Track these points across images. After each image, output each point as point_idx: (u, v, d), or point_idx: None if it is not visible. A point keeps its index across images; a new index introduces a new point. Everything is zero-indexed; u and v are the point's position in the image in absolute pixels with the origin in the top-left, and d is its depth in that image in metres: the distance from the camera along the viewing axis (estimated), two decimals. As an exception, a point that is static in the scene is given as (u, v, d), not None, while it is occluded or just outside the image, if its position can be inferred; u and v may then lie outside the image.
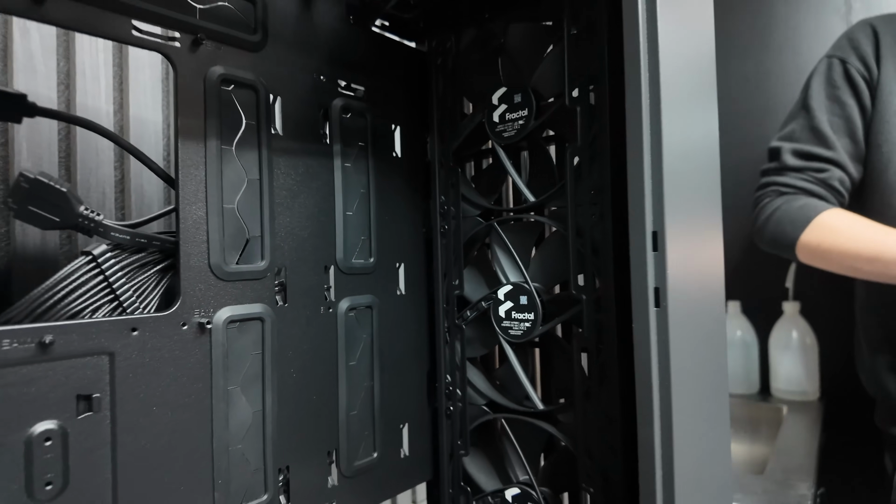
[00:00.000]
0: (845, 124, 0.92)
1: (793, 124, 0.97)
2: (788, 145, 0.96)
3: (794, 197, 0.93)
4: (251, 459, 0.35)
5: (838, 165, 0.91)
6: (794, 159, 0.94)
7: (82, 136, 0.46)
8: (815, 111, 0.94)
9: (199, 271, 0.32)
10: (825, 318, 1.28)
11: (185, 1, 0.33)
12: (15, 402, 0.26)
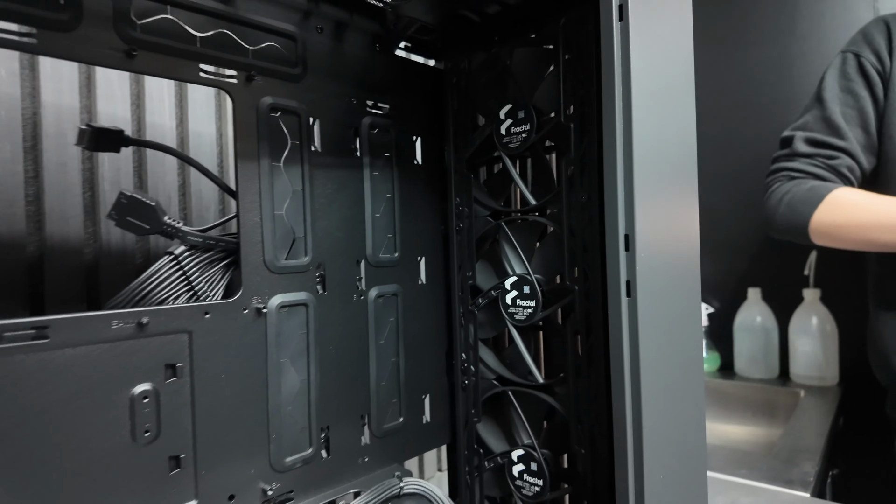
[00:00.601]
0: (858, 115, 0.94)
1: (806, 116, 1.00)
2: (801, 134, 0.98)
3: (804, 181, 0.96)
4: (298, 419, 0.42)
5: (849, 154, 0.93)
6: (806, 146, 0.96)
7: (151, 150, 0.54)
8: (829, 102, 0.96)
9: (256, 266, 0.40)
10: (845, 306, 1.30)
11: (240, 44, 0.40)
12: (122, 369, 0.35)
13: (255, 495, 0.40)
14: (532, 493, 0.47)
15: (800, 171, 0.97)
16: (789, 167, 1.00)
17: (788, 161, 1.01)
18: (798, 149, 0.97)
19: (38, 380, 0.32)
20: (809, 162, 0.96)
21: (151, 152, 0.54)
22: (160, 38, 0.36)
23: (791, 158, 1.01)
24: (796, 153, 1.00)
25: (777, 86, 1.43)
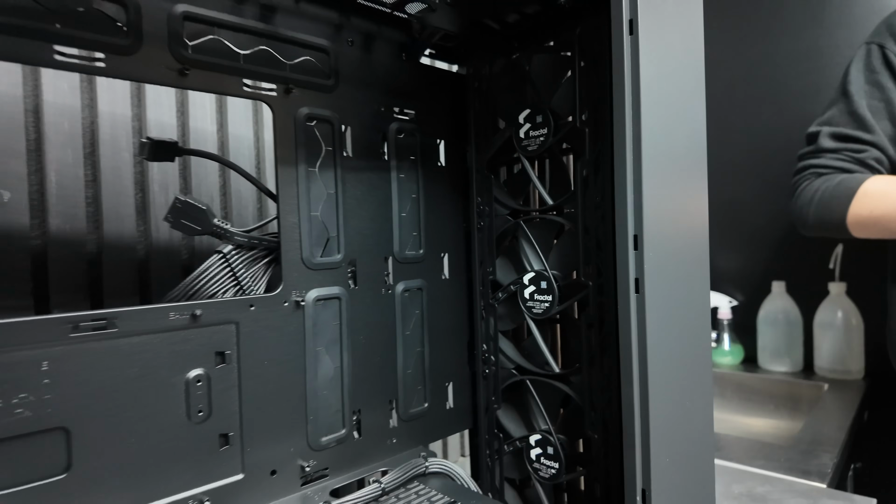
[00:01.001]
0: (886, 108, 0.93)
1: (832, 110, 0.99)
2: (826, 129, 0.98)
3: (832, 176, 0.95)
4: (333, 403, 0.46)
5: (877, 147, 0.92)
6: (831, 141, 0.96)
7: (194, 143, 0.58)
8: (854, 96, 0.95)
9: (295, 263, 0.44)
10: (871, 300, 1.29)
11: (278, 59, 0.43)
12: (178, 355, 0.39)
13: (294, 471, 0.44)
14: (549, 475, 0.50)
15: (827, 166, 0.97)
16: (816, 164, 1.00)
17: (814, 158, 1.01)
18: (823, 144, 0.97)
19: (108, 364, 0.36)
20: (836, 157, 0.96)
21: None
22: (209, 57, 0.40)
23: (817, 155, 1.00)
24: (822, 149, 0.99)
25: (806, 77, 1.41)
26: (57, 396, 0.34)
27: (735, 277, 1.53)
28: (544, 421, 0.51)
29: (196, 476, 0.39)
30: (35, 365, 0.33)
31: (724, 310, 1.48)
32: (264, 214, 0.63)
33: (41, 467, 0.34)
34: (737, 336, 1.48)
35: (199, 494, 0.39)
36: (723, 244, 1.54)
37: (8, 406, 0.33)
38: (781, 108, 1.44)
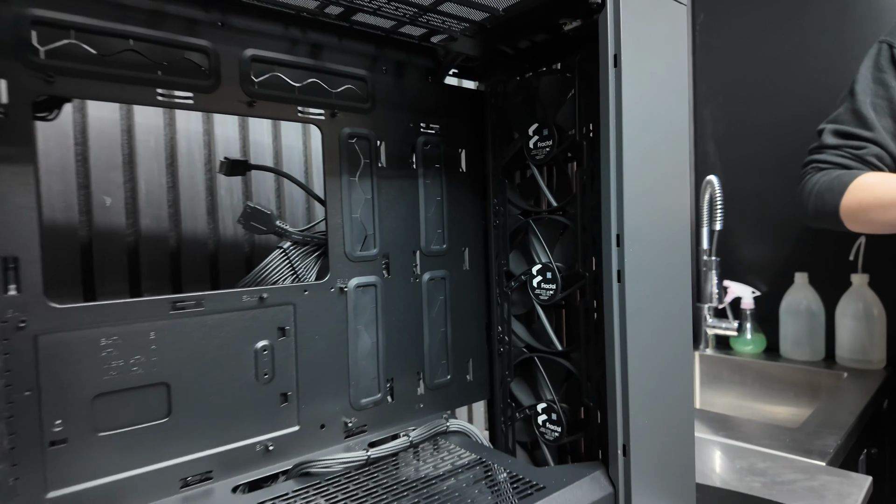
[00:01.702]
0: (888, 105, 0.96)
1: (840, 108, 1.03)
2: (830, 126, 1.02)
3: (830, 171, 1.00)
4: (370, 371, 0.56)
5: (877, 144, 0.96)
6: (833, 138, 1.00)
7: (256, 162, 0.69)
8: (859, 94, 0.99)
9: (339, 256, 0.53)
10: (894, 291, 1.31)
11: (326, 89, 0.53)
12: (249, 329, 0.49)
13: (339, 426, 0.54)
14: (553, 438, 0.58)
15: (827, 162, 1.01)
16: (818, 159, 1.04)
17: (817, 153, 1.05)
18: (825, 141, 1.01)
19: (197, 335, 0.46)
20: (836, 153, 1.00)
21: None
22: (271, 91, 0.49)
23: (820, 151, 1.05)
24: (824, 145, 1.03)
25: (832, 70, 1.42)
26: (161, 359, 0.45)
27: (758, 268, 1.56)
28: (549, 392, 0.59)
29: (263, 426, 0.50)
30: (145, 334, 0.44)
31: (747, 300, 1.52)
32: (311, 213, 0.73)
33: (150, 412, 0.45)
34: (759, 325, 1.52)
35: (265, 440, 0.50)
36: (747, 236, 1.58)
37: (127, 364, 0.43)
38: (805, 102, 1.46)
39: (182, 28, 0.45)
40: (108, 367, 0.42)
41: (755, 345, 1.51)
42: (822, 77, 1.43)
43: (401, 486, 0.48)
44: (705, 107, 1.65)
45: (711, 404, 1.51)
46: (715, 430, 1.00)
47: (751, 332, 1.52)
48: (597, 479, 0.47)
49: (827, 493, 0.76)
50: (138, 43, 0.43)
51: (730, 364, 1.49)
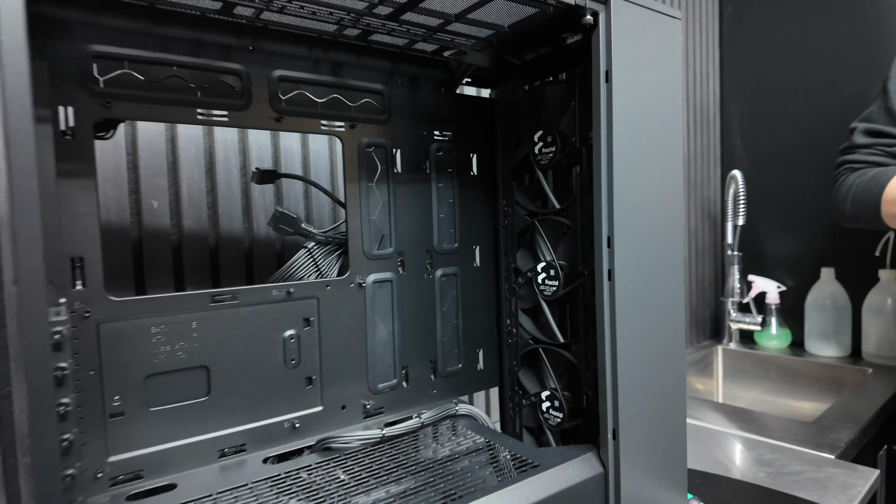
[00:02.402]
0: None
1: (872, 106, 1.03)
2: (862, 125, 1.02)
3: (865, 171, 1.00)
4: (387, 359, 0.62)
5: None
6: (864, 137, 1.00)
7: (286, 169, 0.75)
8: (891, 92, 0.98)
9: (358, 255, 0.59)
10: (923, 287, 1.29)
11: (346, 103, 0.58)
12: (278, 320, 0.55)
13: (358, 408, 0.60)
14: (556, 423, 0.63)
15: (860, 161, 1.01)
16: (850, 160, 1.04)
17: (849, 153, 1.05)
18: (857, 141, 1.01)
19: (232, 325, 0.53)
20: (868, 152, 1.00)
21: (286, 170, 0.75)
22: (296, 107, 0.55)
23: (851, 151, 1.05)
24: (855, 145, 1.03)
25: (862, 63, 1.40)
26: (202, 345, 0.51)
27: (784, 263, 1.55)
28: (553, 381, 0.64)
29: (290, 406, 0.56)
30: (188, 323, 0.51)
31: (773, 295, 1.52)
32: (336, 213, 0.79)
33: (192, 391, 0.51)
34: (784, 320, 1.52)
35: (292, 419, 0.56)
36: (773, 230, 1.57)
37: (173, 349, 0.50)
38: (834, 95, 1.44)
39: (218, 54, 0.51)
40: (156, 352, 0.49)
41: (780, 340, 1.51)
42: (851, 69, 1.41)
43: (410, 461, 0.53)
44: (732, 100, 1.64)
45: (734, 398, 1.52)
46: (729, 423, 1.02)
47: (776, 326, 1.52)
48: (588, 459, 0.52)
49: (831, 484, 0.78)
50: (180, 69, 0.49)
51: (753, 358, 1.50)
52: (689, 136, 1.54)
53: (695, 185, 1.57)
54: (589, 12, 0.48)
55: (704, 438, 0.95)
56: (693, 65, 1.55)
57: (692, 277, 1.56)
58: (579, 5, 0.47)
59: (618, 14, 0.49)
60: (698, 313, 1.59)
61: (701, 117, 1.58)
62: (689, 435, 0.96)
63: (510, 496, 0.46)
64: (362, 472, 0.51)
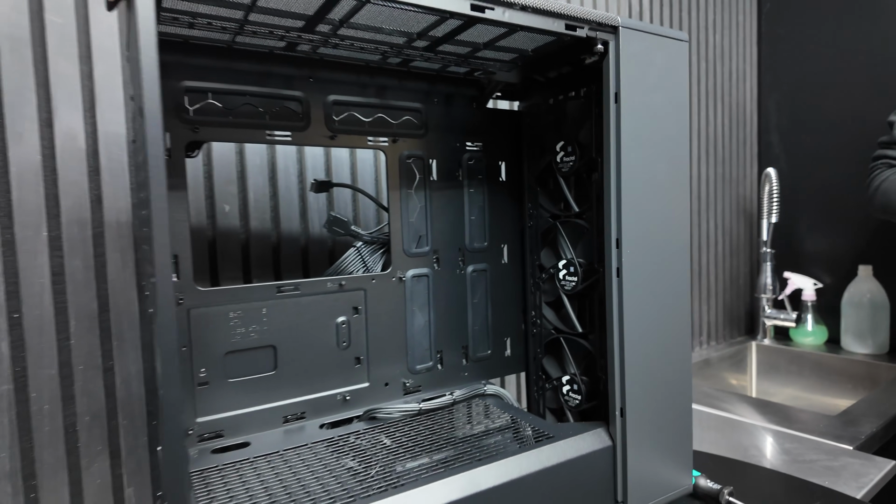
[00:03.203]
0: None
1: None
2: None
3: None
4: (423, 343, 0.70)
5: None
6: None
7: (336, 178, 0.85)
8: None
9: (399, 253, 0.68)
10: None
11: (389, 121, 0.67)
12: (332, 308, 0.65)
13: (399, 385, 0.69)
14: (574, 405, 0.70)
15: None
16: (888, 154, 1.06)
17: (887, 148, 1.06)
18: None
19: (294, 311, 0.62)
20: None
21: (337, 180, 0.85)
22: (347, 126, 0.64)
23: (889, 146, 1.06)
24: (895, 140, 1.05)
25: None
26: (269, 328, 0.61)
27: (822, 260, 1.55)
28: (572, 367, 0.71)
29: (341, 381, 0.66)
30: (259, 310, 0.61)
31: (809, 291, 1.53)
32: (380, 216, 0.89)
33: (262, 366, 0.61)
34: (821, 317, 1.52)
35: (343, 392, 0.65)
36: (811, 228, 1.57)
37: (247, 331, 0.60)
38: (874, 91, 1.43)
39: (282, 84, 0.61)
40: (233, 333, 0.59)
41: (816, 336, 1.52)
42: (893, 66, 1.40)
43: (442, 429, 0.62)
44: (770, 97, 1.65)
45: (768, 394, 1.53)
46: (753, 414, 1.06)
47: (812, 323, 1.52)
48: (598, 434, 0.59)
49: (844, 472, 0.82)
50: (252, 97, 0.59)
51: (787, 355, 1.51)
52: (723, 133, 1.56)
53: (729, 182, 1.58)
54: (600, 42, 0.55)
55: (726, 427, 1.00)
56: (729, 63, 1.57)
57: (726, 274, 1.59)
58: (590, 37, 0.54)
59: (626, 42, 0.56)
60: (732, 309, 1.61)
61: (737, 115, 1.60)
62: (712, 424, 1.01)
63: (527, 461, 0.53)
64: (402, 437, 0.60)
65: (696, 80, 1.46)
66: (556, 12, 0.51)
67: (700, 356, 1.46)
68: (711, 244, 1.54)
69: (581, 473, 0.56)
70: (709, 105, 1.51)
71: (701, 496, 0.67)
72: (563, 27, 0.52)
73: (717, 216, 1.55)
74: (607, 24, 0.55)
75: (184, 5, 0.47)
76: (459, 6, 0.46)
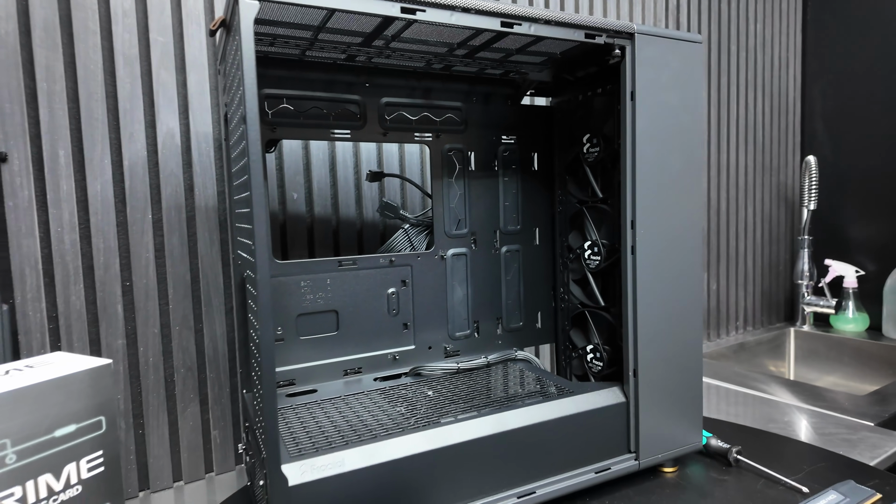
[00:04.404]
0: None
1: None
2: None
3: None
4: (462, 314, 0.80)
5: None
6: None
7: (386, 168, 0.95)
8: None
9: (441, 234, 0.78)
10: None
11: (433, 119, 0.77)
12: (384, 281, 0.75)
13: (441, 349, 0.80)
14: (597, 371, 0.79)
15: None
16: None
17: None
18: None
19: (351, 283, 0.74)
20: None
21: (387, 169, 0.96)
22: (397, 124, 0.74)
23: None
24: None
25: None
26: (333, 296, 0.73)
27: (864, 247, 1.55)
28: (596, 337, 0.79)
29: (392, 343, 0.76)
30: (324, 280, 0.72)
31: (850, 279, 1.53)
32: (424, 202, 0.99)
33: (326, 327, 0.73)
34: (862, 304, 1.52)
35: (393, 352, 0.76)
36: (854, 215, 1.57)
37: (314, 297, 0.72)
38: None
39: (344, 89, 0.71)
40: (304, 299, 0.71)
41: (857, 324, 1.52)
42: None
43: (478, 385, 0.72)
44: (814, 85, 1.65)
45: (806, 379, 1.55)
46: (783, 392, 1.11)
47: (853, 310, 1.53)
48: (614, 391, 0.67)
49: (861, 444, 0.87)
50: (319, 101, 0.70)
51: (826, 341, 1.53)
52: (764, 122, 1.57)
53: (769, 170, 1.60)
54: (617, 47, 0.63)
55: (754, 403, 1.06)
56: (771, 51, 1.58)
57: (764, 261, 1.61)
58: (608, 44, 0.62)
59: (641, 46, 0.63)
60: (771, 296, 1.63)
61: (779, 103, 1.61)
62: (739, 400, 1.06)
63: (548, 409, 0.63)
64: (443, 390, 0.71)
65: (735, 69, 1.49)
66: (576, 24, 0.59)
67: (735, 340, 1.49)
68: (749, 231, 1.56)
69: (597, 424, 0.65)
70: (748, 94, 1.53)
71: (712, 454, 0.75)
72: (582, 36, 0.60)
73: (757, 203, 1.58)
74: (623, 32, 0.62)
75: (267, 28, 0.58)
76: (491, 24, 0.55)
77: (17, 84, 0.68)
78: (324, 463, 0.49)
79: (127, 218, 0.76)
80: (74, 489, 0.49)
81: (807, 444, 0.81)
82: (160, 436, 0.79)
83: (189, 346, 0.81)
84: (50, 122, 0.70)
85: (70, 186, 0.71)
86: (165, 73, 0.77)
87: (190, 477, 0.81)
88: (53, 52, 0.69)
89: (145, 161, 0.76)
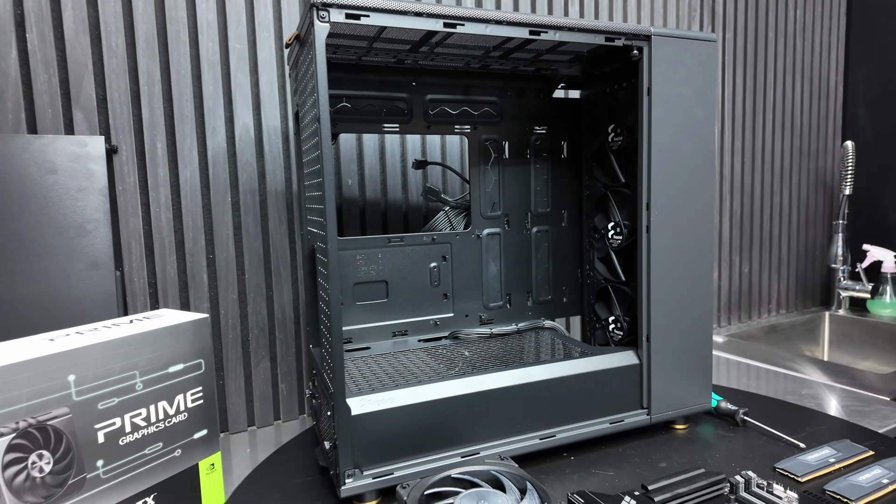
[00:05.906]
0: None
1: None
2: None
3: None
4: (496, 287, 0.90)
5: None
6: None
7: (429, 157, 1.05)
8: None
9: (477, 216, 0.88)
10: None
11: (471, 113, 0.86)
12: (427, 256, 0.86)
13: (476, 317, 0.90)
14: (618, 339, 0.87)
15: None
16: None
17: None
18: None
19: (399, 257, 0.85)
20: None
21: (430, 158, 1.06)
22: (439, 118, 0.84)
23: None
24: None
25: None
26: (383, 268, 0.84)
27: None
28: (617, 309, 0.88)
29: (433, 310, 0.87)
30: (376, 254, 0.83)
31: (889, 264, 1.54)
32: (463, 187, 1.09)
33: (378, 295, 0.84)
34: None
35: (435, 318, 0.87)
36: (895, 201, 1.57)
37: (368, 269, 0.83)
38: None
39: (394, 88, 0.82)
40: (359, 270, 0.83)
41: (894, 308, 1.53)
42: None
43: (508, 347, 0.82)
44: (858, 70, 1.64)
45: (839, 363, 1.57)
46: (806, 370, 1.16)
47: (891, 295, 1.54)
48: (629, 354, 0.76)
49: (872, 415, 0.92)
50: (372, 100, 0.81)
51: (861, 325, 1.55)
52: (802, 107, 1.59)
53: (807, 155, 1.61)
54: (635, 48, 0.71)
55: (772, 377, 1.11)
56: (812, 36, 1.58)
57: (800, 245, 1.63)
58: (627, 45, 0.70)
59: (657, 46, 0.71)
60: (806, 280, 1.66)
61: (819, 88, 1.61)
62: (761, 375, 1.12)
63: (568, 366, 0.72)
64: (477, 350, 0.81)
65: (773, 56, 1.51)
66: (597, 29, 0.67)
67: (766, 322, 1.53)
68: (785, 215, 1.59)
69: (613, 381, 0.74)
70: (786, 80, 1.54)
71: (721, 415, 0.82)
72: (603, 40, 0.68)
73: (793, 188, 1.60)
74: (640, 34, 0.70)
75: (331, 40, 0.69)
76: (520, 32, 0.64)
77: (125, 88, 0.81)
78: (379, 399, 0.61)
79: (210, 200, 0.89)
80: (182, 415, 0.62)
81: (813, 410, 0.88)
82: (237, 386, 0.93)
83: (261, 310, 0.94)
84: (150, 119, 0.83)
85: (165, 173, 0.85)
86: (241, 75, 0.90)
87: (261, 423, 0.95)
88: (153, 60, 0.83)
89: (225, 152, 0.89)
